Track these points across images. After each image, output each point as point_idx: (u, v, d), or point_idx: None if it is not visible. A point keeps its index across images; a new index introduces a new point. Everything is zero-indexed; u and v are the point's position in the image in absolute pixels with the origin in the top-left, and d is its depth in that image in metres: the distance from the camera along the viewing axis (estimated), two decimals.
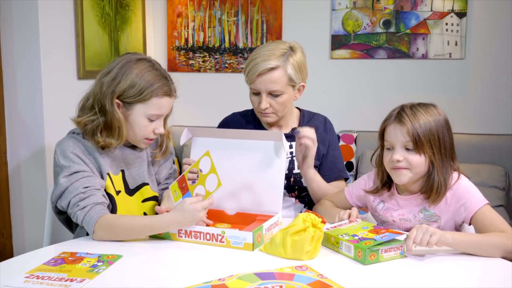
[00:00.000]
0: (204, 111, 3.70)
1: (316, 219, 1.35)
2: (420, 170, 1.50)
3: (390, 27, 3.41)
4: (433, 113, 1.51)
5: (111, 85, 1.54)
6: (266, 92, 1.75)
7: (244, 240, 1.41)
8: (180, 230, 1.48)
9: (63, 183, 1.50)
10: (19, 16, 2.58)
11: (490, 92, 3.32)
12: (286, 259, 1.35)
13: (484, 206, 1.47)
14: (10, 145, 2.66)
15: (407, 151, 1.49)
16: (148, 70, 1.56)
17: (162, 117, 1.61)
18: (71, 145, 1.56)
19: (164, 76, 1.59)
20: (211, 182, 1.48)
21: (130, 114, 1.57)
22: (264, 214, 1.59)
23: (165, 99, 1.58)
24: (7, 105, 2.64)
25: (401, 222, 1.58)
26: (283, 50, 1.75)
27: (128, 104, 1.56)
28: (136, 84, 1.53)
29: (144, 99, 1.55)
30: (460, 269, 1.31)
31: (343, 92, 3.55)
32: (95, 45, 3.01)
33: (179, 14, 3.73)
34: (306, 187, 1.84)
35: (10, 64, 2.61)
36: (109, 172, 1.59)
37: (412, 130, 1.47)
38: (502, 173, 3.09)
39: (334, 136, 1.94)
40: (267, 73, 1.73)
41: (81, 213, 1.48)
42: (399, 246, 1.35)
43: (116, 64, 1.57)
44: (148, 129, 1.59)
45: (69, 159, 1.53)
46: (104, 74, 1.57)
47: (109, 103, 1.53)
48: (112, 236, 1.48)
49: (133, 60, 1.57)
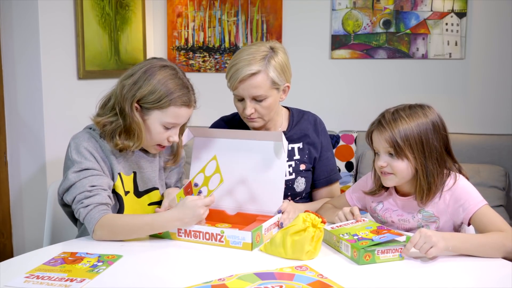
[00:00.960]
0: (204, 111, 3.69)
1: (316, 219, 1.36)
2: (406, 175, 1.50)
3: (390, 27, 3.41)
4: (417, 117, 1.49)
5: (132, 89, 1.54)
6: (250, 97, 1.71)
7: (243, 239, 1.42)
8: (179, 229, 1.48)
9: (72, 178, 1.51)
10: (19, 16, 2.58)
11: (490, 92, 3.32)
12: (286, 259, 1.35)
13: (483, 207, 1.46)
14: (10, 145, 2.66)
15: (390, 157, 1.50)
16: (171, 78, 1.55)
17: (178, 126, 1.61)
18: (86, 140, 1.56)
19: (186, 86, 1.58)
20: (214, 181, 1.49)
21: (146, 119, 1.57)
22: (265, 214, 1.59)
23: (183, 109, 1.57)
24: (7, 105, 2.64)
25: (400, 222, 1.58)
26: (264, 53, 1.70)
27: (146, 109, 1.56)
28: (156, 90, 1.53)
29: (162, 107, 1.54)
30: (459, 269, 1.30)
31: (343, 92, 3.55)
32: (95, 45, 3.01)
33: (179, 14, 3.73)
34: (299, 192, 1.83)
35: (10, 64, 2.61)
36: (120, 172, 1.60)
37: (391, 137, 1.47)
38: (502, 173, 3.09)
39: (326, 136, 1.91)
40: (248, 79, 1.67)
41: (84, 211, 1.48)
42: (398, 248, 1.34)
43: (140, 68, 1.57)
44: (163, 136, 1.59)
45: (82, 155, 1.53)
46: (126, 77, 1.57)
47: (128, 107, 1.53)
48: (112, 236, 1.48)
49: (157, 66, 1.57)
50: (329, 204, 1.76)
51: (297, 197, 1.85)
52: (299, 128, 1.86)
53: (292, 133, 1.84)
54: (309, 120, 1.89)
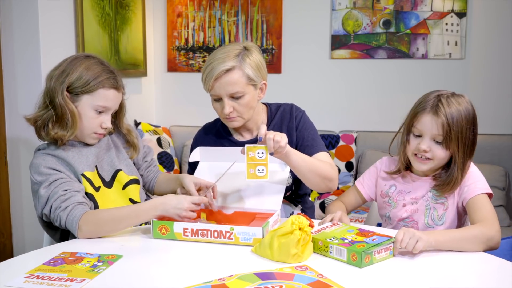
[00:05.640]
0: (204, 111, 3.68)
1: (304, 222, 1.32)
2: (442, 163, 1.53)
3: (390, 27, 3.41)
4: (465, 108, 1.51)
5: (60, 77, 1.58)
6: (227, 95, 1.69)
7: (254, 235, 1.41)
8: (186, 228, 1.46)
9: (44, 193, 1.52)
10: (19, 16, 2.58)
11: (490, 92, 3.32)
12: (273, 261, 1.32)
13: (482, 194, 1.48)
14: (10, 145, 2.66)
15: (435, 143, 1.50)
16: (96, 64, 1.61)
17: (109, 111, 1.63)
18: (42, 161, 1.57)
19: (111, 71, 1.63)
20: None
21: (77, 106, 1.59)
22: (263, 212, 1.59)
23: (111, 92, 1.61)
24: (7, 105, 2.64)
25: (411, 205, 1.59)
26: (237, 51, 1.69)
27: (75, 96, 1.59)
28: (83, 76, 1.57)
29: (91, 90, 1.58)
30: (458, 264, 1.31)
31: (343, 92, 3.55)
32: (95, 45, 3.01)
33: (179, 14, 3.73)
34: (287, 187, 1.80)
35: (10, 64, 2.61)
36: (83, 173, 1.60)
37: (446, 125, 1.47)
38: (502, 173, 3.09)
39: (299, 118, 1.83)
40: (224, 75, 1.66)
41: (64, 213, 1.49)
42: (389, 247, 1.35)
43: (65, 60, 1.63)
44: (96, 121, 1.61)
45: (44, 174, 1.55)
46: (53, 70, 1.62)
47: (59, 95, 1.56)
48: (98, 229, 1.48)
49: (81, 56, 1.63)
50: (339, 202, 1.75)
51: (287, 193, 1.83)
52: (278, 121, 1.84)
53: (271, 129, 1.82)
54: (286, 111, 1.86)
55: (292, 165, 1.59)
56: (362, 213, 2.93)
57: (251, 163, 1.49)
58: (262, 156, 1.49)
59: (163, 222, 1.47)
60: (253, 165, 1.49)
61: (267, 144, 1.48)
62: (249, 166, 1.50)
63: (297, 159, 1.59)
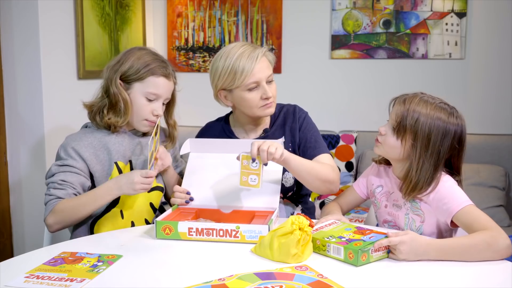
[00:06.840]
0: (204, 111, 3.68)
1: (304, 222, 1.32)
2: (392, 153, 1.53)
3: (390, 27, 3.41)
4: (441, 115, 1.47)
5: (114, 68, 1.68)
6: (266, 79, 1.73)
7: (260, 233, 1.41)
8: (190, 228, 1.45)
9: (53, 169, 1.65)
10: (19, 16, 2.58)
11: (490, 92, 3.32)
12: (273, 261, 1.32)
13: (467, 206, 1.42)
14: (10, 145, 2.66)
15: (392, 130, 1.51)
16: (147, 54, 1.70)
17: (160, 99, 1.70)
18: (77, 140, 1.67)
19: (162, 60, 1.71)
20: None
21: (129, 93, 1.68)
22: (262, 210, 1.58)
23: (161, 79, 1.68)
24: (7, 105, 2.64)
25: (393, 208, 1.58)
26: (251, 45, 1.76)
27: (128, 84, 1.68)
28: (134, 64, 1.67)
29: (142, 78, 1.66)
30: (458, 268, 1.31)
31: (343, 92, 3.55)
32: (95, 45, 3.01)
33: (179, 14, 3.73)
34: (289, 188, 1.81)
35: (10, 64, 2.61)
36: (117, 161, 1.68)
37: (402, 115, 1.48)
38: (502, 173, 3.09)
39: (302, 119, 1.84)
40: (261, 58, 1.71)
41: (46, 198, 1.62)
42: (386, 246, 1.35)
43: (122, 52, 1.75)
44: (147, 108, 1.68)
45: (67, 154, 1.65)
46: (111, 61, 1.73)
47: (113, 84, 1.66)
48: (63, 217, 1.58)
49: (135, 48, 1.74)
50: (335, 203, 1.74)
51: (289, 193, 1.83)
52: (281, 121, 1.85)
53: (274, 129, 1.84)
54: (289, 111, 1.88)
55: (292, 170, 1.60)
56: (362, 213, 2.93)
57: (244, 171, 1.50)
58: (256, 166, 1.50)
59: (167, 222, 1.46)
60: (246, 173, 1.50)
61: (261, 155, 1.49)
62: (242, 173, 1.51)
63: (296, 164, 1.59)
